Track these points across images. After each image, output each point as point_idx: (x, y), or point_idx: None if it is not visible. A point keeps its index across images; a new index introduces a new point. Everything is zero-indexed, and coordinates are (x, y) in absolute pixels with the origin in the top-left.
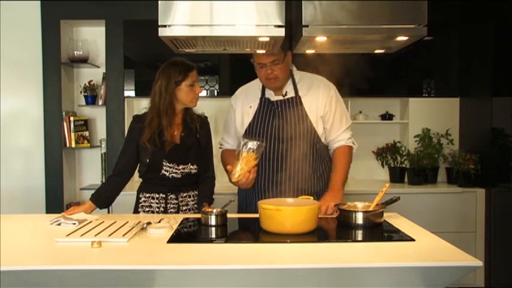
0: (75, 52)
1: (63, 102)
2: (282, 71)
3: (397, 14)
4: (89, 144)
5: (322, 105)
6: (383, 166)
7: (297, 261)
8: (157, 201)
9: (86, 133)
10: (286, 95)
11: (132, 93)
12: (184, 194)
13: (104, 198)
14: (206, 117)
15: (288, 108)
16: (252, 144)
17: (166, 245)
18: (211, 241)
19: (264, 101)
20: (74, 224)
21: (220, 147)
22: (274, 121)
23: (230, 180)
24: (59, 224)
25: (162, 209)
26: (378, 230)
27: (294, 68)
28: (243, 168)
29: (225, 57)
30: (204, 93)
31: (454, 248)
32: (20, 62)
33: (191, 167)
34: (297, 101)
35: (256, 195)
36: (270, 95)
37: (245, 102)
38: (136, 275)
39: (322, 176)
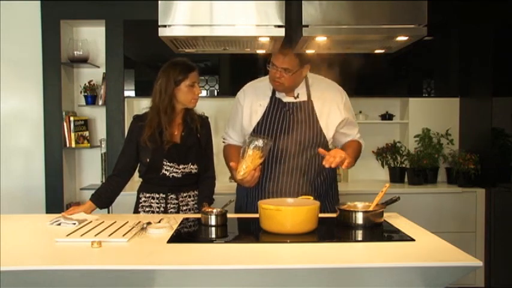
0: (75, 52)
1: (63, 102)
2: (290, 81)
3: (397, 14)
4: (89, 144)
5: (335, 113)
6: (383, 166)
7: (297, 261)
8: (157, 201)
9: (86, 133)
10: (298, 97)
11: (132, 93)
12: (185, 194)
13: (104, 198)
14: (207, 117)
15: (298, 111)
16: (259, 143)
17: (166, 245)
18: (211, 241)
19: (274, 101)
20: (74, 224)
21: (223, 142)
22: (283, 122)
23: (233, 178)
24: (59, 224)
25: (162, 209)
26: (378, 230)
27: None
28: (249, 165)
29: (225, 57)
30: (204, 93)
31: (454, 248)
32: (20, 62)
33: (191, 166)
34: (308, 105)
35: (259, 194)
36: (282, 95)
37: (254, 100)
38: (136, 275)
39: (326, 179)
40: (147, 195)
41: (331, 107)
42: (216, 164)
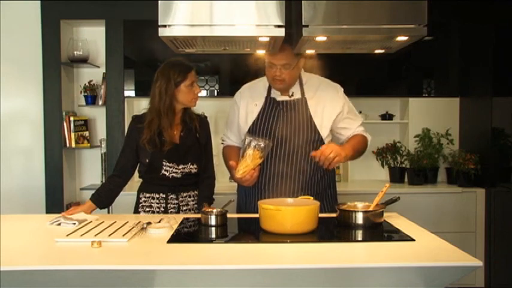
0: (75, 52)
1: (63, 102)
2: (290, 76)
3: (397, 14)
4: (89, 144)
5: (330, 108)
6: (383, 166)
7: (297, 261)
8: (157, 201)
9: (86, 133)
10: (292, 95)
11: (132, 93)
12: (185, 194)
13: (103, 198)
14: (205, 117)
15: (292, 110)
16: (260, 143)
17: (166, 245)
18: (211, 241)
19: (269, 100)
20: (74, 224)
21: (222, 143)
22: (278, 121)
23: (232, 177)
24: (59, 224)
25: (162, 209)
26: (378, 230)
27: (302, 70)
28: (249, 165)
29: (225, 57)
30: (204, 93)
31: (454, 248)
32: (20, 62)
33: (191, 166)
34: (302, 102)
35: (256, 193)
36: (276, 94)
37: (250, 100)
38: (136, 275)
39: (323, 178)
40: (147, 195)
41: (325, 103)
42: (216, 164)
